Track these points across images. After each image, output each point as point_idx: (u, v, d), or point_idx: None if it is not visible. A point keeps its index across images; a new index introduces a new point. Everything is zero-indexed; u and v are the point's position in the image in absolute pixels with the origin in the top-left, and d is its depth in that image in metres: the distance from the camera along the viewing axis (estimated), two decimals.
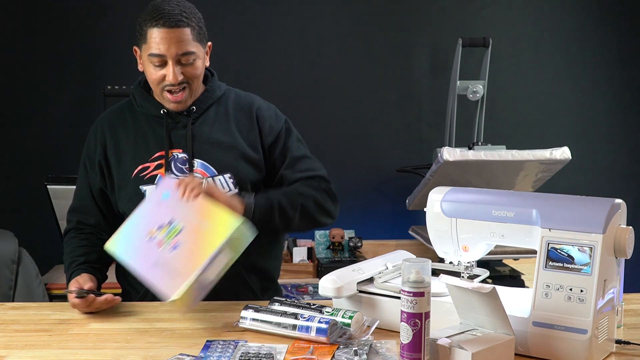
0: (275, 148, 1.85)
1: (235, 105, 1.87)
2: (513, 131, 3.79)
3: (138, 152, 1.81)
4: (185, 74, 1.72)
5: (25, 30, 3.56)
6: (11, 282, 2.47)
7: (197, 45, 1.73)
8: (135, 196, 1.78)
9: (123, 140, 1.83)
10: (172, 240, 1.52)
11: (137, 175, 1.79)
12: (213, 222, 1.51)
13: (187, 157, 1.78)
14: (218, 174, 1.78)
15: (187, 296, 1.43)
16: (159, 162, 1.79)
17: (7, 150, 3.56)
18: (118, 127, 1.85)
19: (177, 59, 1.70)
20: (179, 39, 1.68)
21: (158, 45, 1.69)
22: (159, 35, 1.68)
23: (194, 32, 1.71)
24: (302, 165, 1.85)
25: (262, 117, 1.85)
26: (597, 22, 3.86)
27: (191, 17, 1.71)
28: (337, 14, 3.75)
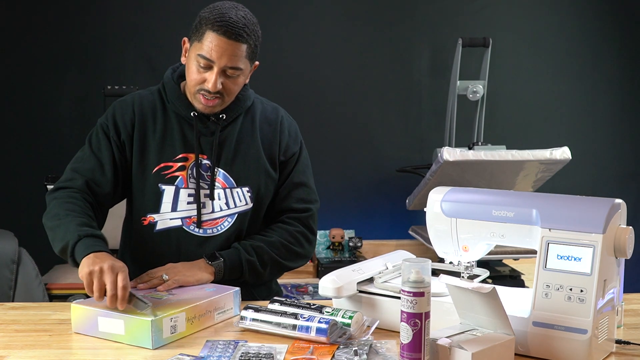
0: (285, 167, 1.85)
1: (262, 116, 1.85)
2: (513, 131, 3.80)
3: (163, 148, 1.77)
4: (225, 85, 1.70)
5: (25, 30, 3.57)
6: (11, 282, 2.47)
7: (247, 62, 1.71)
8: (152, 193, 1.76)
9: (150, 131, 1.78)
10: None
11: (158, 172, 1.76)
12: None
13: (211, 165, 1.76)
14: (236, 187, 1.77)
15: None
16: (182, 163, 1.76)
17: (7, 150, 3.57)
18: (149, 117, 1.79)
19: (224, 69, 1.68)
20: (234, 52, 1.66)
21: (211, 51, 1.65)
22: (216, 42, 1.65)
23: (249, 49, 1.69)
24: (296, 194, 1.85)
25: (282, 134, 1.85)
26: (597, 22, 3.86)
27: (251, 34, 1.68)
28: (337, 14, 3.75)
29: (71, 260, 1.59)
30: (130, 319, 1.39)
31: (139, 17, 3.64)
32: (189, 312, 1.45)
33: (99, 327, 1.44)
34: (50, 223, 1.70)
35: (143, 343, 1.38)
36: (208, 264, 1.69)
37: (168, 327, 1.40)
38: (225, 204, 1.77)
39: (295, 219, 1.84)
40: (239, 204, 1.78)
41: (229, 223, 1.77)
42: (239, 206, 1.78)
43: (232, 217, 1.77)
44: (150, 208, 1.77)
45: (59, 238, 1.63)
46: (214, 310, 1.52)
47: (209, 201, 1.76)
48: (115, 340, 1.41)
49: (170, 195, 1.76)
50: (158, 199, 1.76)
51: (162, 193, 1.75)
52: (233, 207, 1.77)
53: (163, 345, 1.39)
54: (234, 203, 1.77)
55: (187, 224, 1.76)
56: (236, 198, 1.77)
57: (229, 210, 1.77)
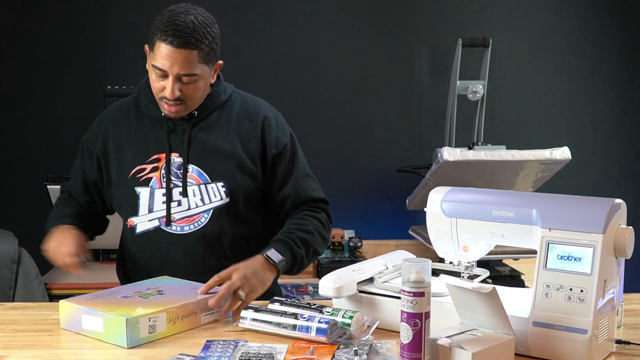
0: (279, 162, 1.84)
1: (240, 111, 1.84)
2: (513, 131, 3.80)
3: (137, 152, 1.80)
4: (183, 91, 1.70)
5: (25, 30, 3.56)
6: (11, 282, 2.47)
7: (203, 66, 1.70)
8: (130, 197, 1.79)
9: (125, 138, 1.83)
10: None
11: (133, 175, 1.79)
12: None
13: (182, 162, 1.77)
14: (211, 182, 1.78)
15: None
16: (155, 164, 1.79)
17: (7, 150, 3.56)
18: (122, 124, 1.84)
19: (179, 77, 1.68)
20: (184, 60, 1.65)
21: (162, 60, 1.66)
22: (165, 52, 1.65)
23: (201, 54, 1.67)
24: (306, 186, 1.86)
25: (269, 127, 1.83)
26: (597, 22, 3.86)
27: (203, 38, 1.66)
28: (337, 14, 3.75)
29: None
30: (108, 317, 1.40)
31: (139, 17, 3.63)
32: (170, 313, 1.45)
33: (82, 325, 1.45)
34: (46, 225, 1.88)
35: (119, 341, 1.38)
36: (272, 265, 1.67)
37: (146, 327, 1.40)
38: (201, 200, 1.78)
39: (319, 208, 1.86)
40: (214, 199, 1.78)
41: (206, 219, 1.78)
42: (214, 201, 1.78)
43: (207, 212, 1.78)
44: (130, 212, 1.81)
45: (46, 230, 1.84)
46: (200, 311, 1.51)
47: (183, 198, 1.77)
48: (96, 338, 1.42)
49: (146, 197, 1.78)
50: (135, 202, 1.79)
51: (139, 196, 1.79)
52: (208, 203, 1.78)
53: (140, 344, 1.39)
54: (209, 199, 1.78)
55: (164, 223, 1.78)
56: (211, 193, 1.78)
57: (205, 206, 1.78)
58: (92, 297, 1.53)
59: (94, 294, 1.56)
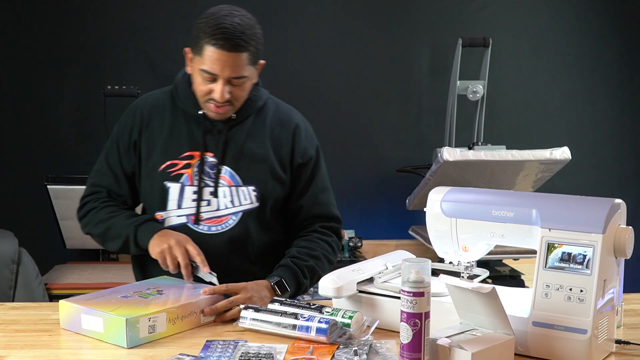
0: (303, 171, 1.84)
1: (274, 117, 1.85)
2: (513, 131, 3.79)
3: (170, 146, 1.79)
4: (232, 93, 1.70)
5: (25, 30, 3.56)
6: (11, 282, 2.47)
7: (250, 67, 1.70)
8: (159, 191, 1.78)
9: (157, 131, 1.81)
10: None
11: (164, 170, 1.78)
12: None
13: (216, 162, 1.77)
14: (243, 185, 1.78)
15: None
16: (187, 161, 1.78)
17: (7, 150, 3.56)
18: (155, 116, 1.82)
19: (229, 80, 1.67)
20: (235, 63, 1.65)
21: (212, 65, 1.65)
22: (215, 56, 1.64)
23: (250, 55, 1.67)
24: (322, 200, 1.86)
25: (299, 137, 1.84)
26: (597, 22, 3.86)
27: (250, 40, 1.66)
28: (337, 14, 3.75)
29: (137, 249, 1.74)
30: (108, 317, 1.40)
31: (139, 17, 3.63)
32: (170, 313, 1.45)
33: (82, 325, 1.45)
34: (98, 230, 1.82)
35: (119, 341, 1.38)
36: (276, 294, 1.66)
37: (146, 327, 1.40)
38: (231, 201, 1.77)
39: (329, 229, 1.86)
40: (244, 202, 1.78)
41: (234, 221, 1.77)
42: (244, 204, 1.78)
43: (236, 215, 1.77)
44: (157, 206, 1.79)
45: (113, 237, 1.78)
46: (199, 312, 1.51)
47: (213, 198, 1.76)
48: (96, 338, 1.42)
49: (175, 192, 1.77)
50: (164, 197, 1.78)
51: (168, 190, 1.77)
52: (238, 205, 1.78)
53: (140, 344, 1.39)
54: (239, 201, 1.78)
55: (192, 221, 1.77)
56: (242, 196, 1.77)
57: (234, 209, 1.77)
58: (92, 297, 1.53)
59: (93, 293, 1.56)
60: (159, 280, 1.69)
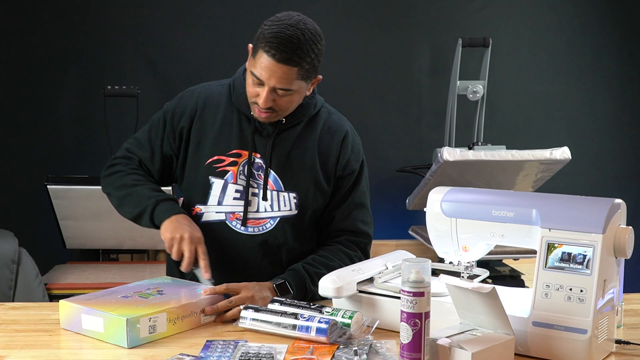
0: (342, 184, 1.82)
1: (324, 126, 1.82)
2: (513, 131, 3.80)
3: (219, 141, 1.77)
4: (277, 102, 1.67)
5: (25, 30, 3.56)
6: (11, 282, 2.47)
7: (300, 82, 1.66)
8: (203, 184, 1.77)
9: (210, 123, 1.79)
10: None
11: (210, 164, 1.77)
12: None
13: (263, 165, 1.76)
14: (284, 191, 1.76)
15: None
16: (234, 159, 1.76)
17: (7, 150, 3.57)
18: (211, 108, 1.81)
19: (274, 89, 1.65)
20: (283, 75, 1.62)
21: (261, 70, 1.63)
22: (265, 63, 1.62)
23: (301, 71, 1.64)
24: (355, 215, 1.82)
25: (344, 149, 1.82)
26: (597, 22, 3.86)
27: (305, 56, 1.62)
28: (337, 14, 3.75)
29: (150, 223, 1.74)
30: (109, 317, 1.40)
31: (139, 17, 3.64)
32: (171, 313, 1.45)
33: (83, 325, 1.45)
34: (118, 193, 1.80)
35: (119, 341, 1.38)
36: (277, 295, 1.64)
37: (146, 327, 1.40)
38: (270, 205, 1.76)
39: (355, 243, 1.82)
40: (284, 208, 1.76)
41: (271, 225, 1.76)
42: (283, 210, 1.76)
43: (274, 219, 1.76)
44: (198, 199, 1.78)
45: (131, 204, 1.77)
46: (199, 312, 1.51)
47: (256, 200, 1.75)
48: (97, 338, 1.42)
49: (218, 188, 1.76)
50: (206, 191, 1.77)
51: (211, 186, 1.76)
52: (277, 210, 1.76)
53: (140, 344, 1.38)
54: (278, 206, 1.76)
55: (230, 219, 1.76)
56: (282, 202, 1.76)
57: (273, 213, 1.76)
58: (92, 297, 1.53)
59: (93, 293, 1.56)
60: (159, 280, 1.69)
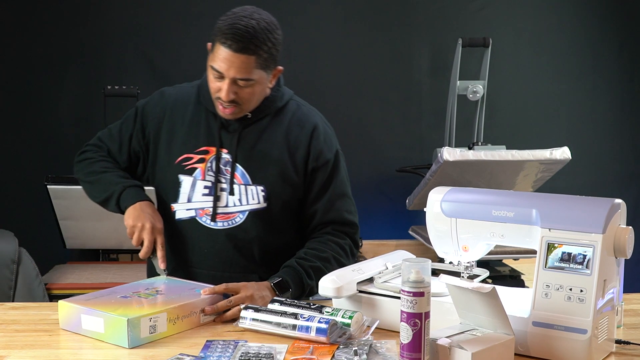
0: (318, 175, 1.82)
1: (293, 119, 1.83)
2: (513, 131, 3.80)
3: (188, 140, 1.80)
4: (239, 94, 1.69)
5: (25, 30, 3.56)
6: (11, 282, 2.47)
7: (260, 72, 1.68)
8: (173, 182, 1.79)
9: (179, 123, 1.82)
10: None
11: (179, 162, 1.79)
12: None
13: (230, 160, 1.77)
14: (252, 184, 1.77)
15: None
16: (202, 156, 1.79)
17: (7, 150, 3.56)
18: (180, 108, 1.84)
19: (234, 80, 1.67)
20: (241, 65, 1.64)
21: (220, 63, 1.65)
22: (223, 55, 1.64)
23: (259, 59, 1.66)
24: (338, 206, 1.83)
25: (316, 139, 1.82)
26: (597, 22, 3.86)
27: (262, 44, 1.65)
28: (337, 14, 3.75)
29: (116, 208, 1.80)
30: (109, 317, 1.40)
31: (139, 17, 3.64)
32: (171, 313, 1.45)
33: (82, 325, 1.45)
34: (88, 179, 1.88)
35: (120, 342, 1.38)
36: (276, 294, 1.64)
37: (147, 327, 1.40)
38: (239, 200, 1.77)
39: (343, 232, 1.83)
40: (252, 202, 1.77)
41: (241, 219, 1.77)
42: (251, 204, 1.77)
43: (243, 213, 1.78)
44: (170, 197, 1.81)
45: (100, 190, 1.83)
46: (199, 311, 1.51)
47: (224, 195, 1.77)
48: (97, 339, 1.42)
49: (187, 186, 1.79)
50: (176, 189, 1.80)
51: (181, 183, 1.79)
52: (246, 204, 1.78)
53: (141, 344, 1.38)
54: (247, 200, 1.78)
55: (200, 215, 1.78)
56: (250, 196, 1.77)
57: (242, 207, 1.78)
58: (91, 297, 1.53)
59: (92, 294, 1.56)
60: (158, 280, 1.69)
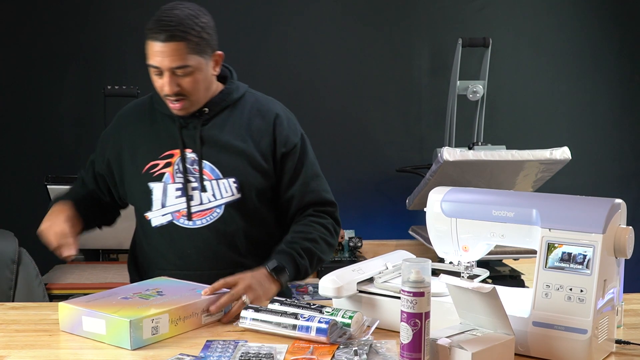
0: (288, 160, 1.84)
1: (252, 109, 1.85)
2: (513, 131, 3.80)
3: (151, 148, 1.82)
4: (182, 85, 1.71)
5: (26, 30, 3.57)
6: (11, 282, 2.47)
7: (196, 57, 1.70)
8: (143, 192, 1.81)
9: (139, 135, 1.85)
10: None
11: (147, 171, 1.81)
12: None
13: (197, 158, 1.79)
14: (223, 178, 1.79)
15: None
16: (167, 160, 1.80)
17: (7, 150, 3.57)
18: (137, 122, 1.87)
19: (173, 71, 1.69)
20: (172, 53, 1.67)
21: (154, 57, 1.69)
22: (155, 48, 1.68)
23: (190, 44, 1.68)
24: (314, 187, 1.85)
25: (280, 126, 1.83)
26: (597, 22, 3.86)
27: (189, 29, 1.68)
28: (337, 14, 3.75)
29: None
30: (111, 319, 1.40)
31: (139, 17, 3.63)
32: (172, 314, 1.45)
33: (83, 327, 1.45)
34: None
35: (122, 343, 1.38)
36: (275, 279, 1.67)
37: (149, 328, 1.40)
38: (213, 195, 1.79)
39: (324, 212, 1.85)
40: (226, 194, 1.78)
41: (218, 214, 1.79)
42: (225, 197, 1.79)
43: (220, 207, 1.79)
44: (144, 207, 1.83)
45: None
46: (201, 312, 1.51)
47: (197, 193, 1.78)
48: (98, 340, 1.42)
49: (159, 192, 1.80)
50: (149, 198, 1.81)
51: (152, 191, 1.81)
52: (220, 198, 1.79)
53: (143, 346, 1.38)
54: (220, 194, 1.79)
55: (177, 217, 1.80)
56: (222, 189, 1.78)
57: (217, 201, 1.79)
58: (91, 298, 1.52)
59: (92, 295, 1.56)
60: (157, 281, 1.69)
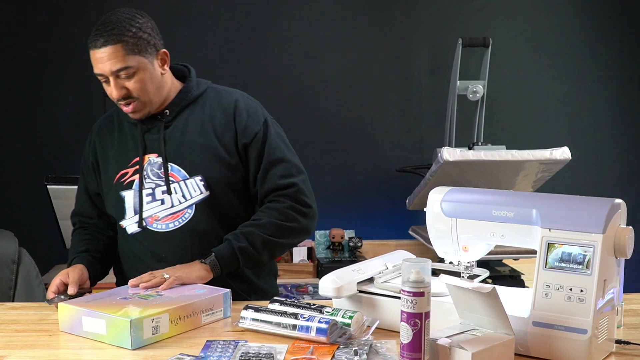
0: (250, 151, 1.82)
1: (214, 104, 1.84)
2: (513, 131, 3.80)
3: (120, 158, 1.84)
4: (129, 87, 1.72)
5: (25, 30, 3.56)
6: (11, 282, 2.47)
7: (136, 57, 1.70)
8: (117, 201, 1.83)
9: (109, 147, 1.87)
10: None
11: (118, 181, 1.83)
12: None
13: (162, 161, 1.79)
14: (190, 177, 1.79)
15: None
16: (136, 167, 1.81)
17: (7, 150, 3.57)
18: (106, 134, 1.89)
19: (116, 74, 1.70)
20: (110, 56, 1.68)
21: (97, 65, 1.71)
22: (95, 56, 1.70)
23: (127, 45, 1.69)
24: (272, 174, 1.82)
25: (239, 117, 1.82)
26: (597, 22, 3.86)
27: (125, 31, 1.68)
28: (337, 14, 3.75)
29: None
30: (111, 319, 1.40)
31: None
32: (172, 313, 1.45)
33: (83, 327, 1.45)
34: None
35: (123, 343, 1.38)
36: (202, 262, 1.71)
37: (149, 328, 1.40)
38: (182, 196, 1.79)
39: (282, 196, 1.81)
40: (195, 194, 1.79)
41: (190, 214, 1.79)
42: (195, 196, 1.79)
43: (191, 208, 1.79)
44: (119, 215, 1.84)
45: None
46: (200, 312, 1.51)
47: (167, 196, 1.79)
48: (98, 340, 1.42)
49: (130, 200, 1.82)
50: (122, 206, 1.82)
51: (124, 199, 1.82)
52: (190, 199, 1.79)
53: (144, 345, 1.39)
54: (189, 194, 1.79)
55: (150, 222, 1.80)
56: (191, 189, 1.79)
57: (187, 202, 1.79)
58: (90, 299, 1.53)
59: (92, 295, 1.56)
60: None
